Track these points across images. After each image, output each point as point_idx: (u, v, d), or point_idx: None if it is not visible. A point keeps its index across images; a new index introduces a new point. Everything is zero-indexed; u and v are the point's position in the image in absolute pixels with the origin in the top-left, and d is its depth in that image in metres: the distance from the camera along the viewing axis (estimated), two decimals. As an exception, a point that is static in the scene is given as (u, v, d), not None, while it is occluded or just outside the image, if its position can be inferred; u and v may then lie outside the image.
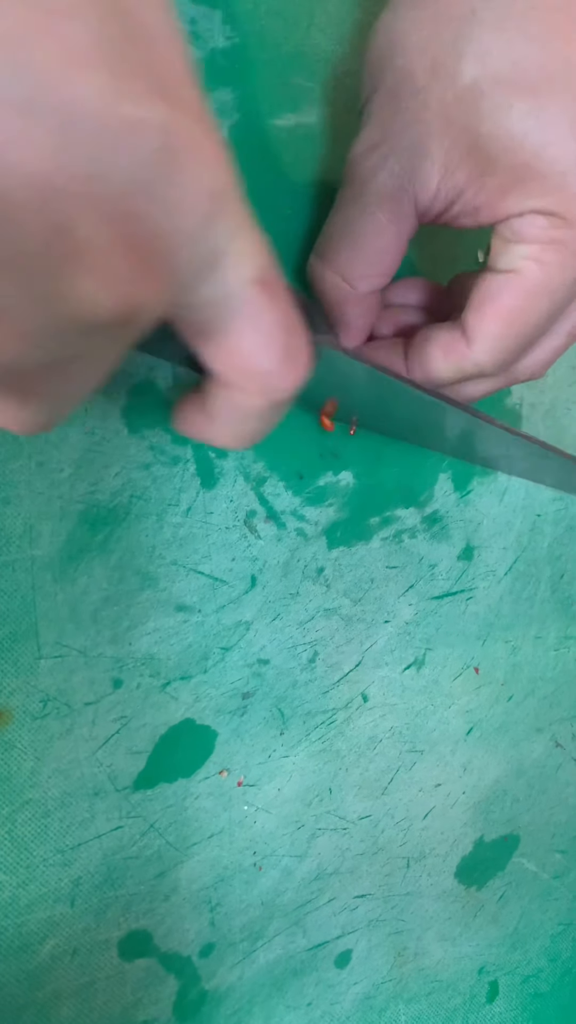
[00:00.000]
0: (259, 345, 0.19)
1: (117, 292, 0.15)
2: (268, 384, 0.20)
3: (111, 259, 0.15)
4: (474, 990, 0.40)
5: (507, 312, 0.27)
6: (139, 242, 0.15)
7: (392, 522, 0.36)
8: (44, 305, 0.14)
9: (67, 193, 0.13)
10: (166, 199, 0.15)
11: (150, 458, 0.30)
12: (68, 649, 0.29)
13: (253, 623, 0.33)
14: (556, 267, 0.26)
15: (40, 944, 0.29)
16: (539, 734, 0.42)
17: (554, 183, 0.25)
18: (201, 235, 0.16)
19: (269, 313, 0.18)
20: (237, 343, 0.19)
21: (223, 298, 0.18)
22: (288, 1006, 0.35)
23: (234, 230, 0.17)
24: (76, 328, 0.15)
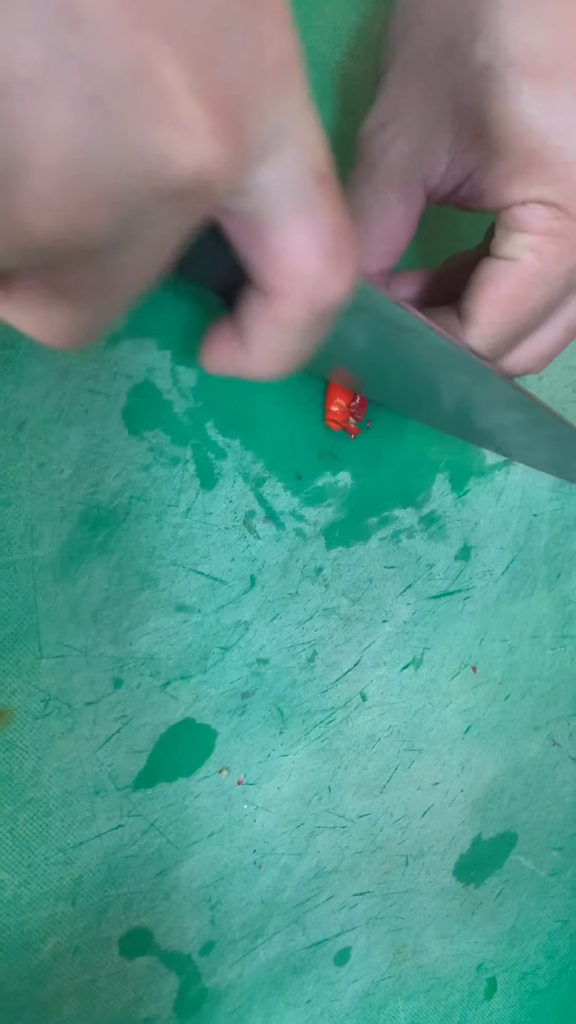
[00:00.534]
0: (310, 244, 0.18)
1: (197, 148, 0.14)
2: (315, 289, 0.19)
3: (193, 109, 0.14)
4: (472, 987, 0.41)
5: (503, 299, 0.27)
6: (220, 93, 0.14)
7: (390, 522, 0.36)
8: (121, 156, 0.13)
9: (154, 23, 0.13)
10: (249, 50, 0.14)
11: (150, 459, 0.30)
12: (69, 649, 0.29)
13: (252, 623, 0.33)
14: (554, 258, 0.26)
15: (42, 942, 0.29)
16: (536, 733, 0.42)
17: (558, 173, 0.24)
18: (274, 101, 0.15)
19: (324, 210, 0.18)
20: (287, 240, 0.18)
21: (282, 186, 0.17)
22: (288, 1003, 0.35)
23: (299, 111, 0.16)
24: (146, 191, 0.14)
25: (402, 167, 0.27)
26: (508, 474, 0.40)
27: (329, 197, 0.18)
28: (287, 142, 0.16)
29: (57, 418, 0.28)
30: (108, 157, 0.13)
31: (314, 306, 0.19)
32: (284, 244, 0.18)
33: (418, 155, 0.27)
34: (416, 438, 0.37)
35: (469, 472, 0.39)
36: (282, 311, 0.19)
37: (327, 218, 0.18)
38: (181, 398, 0.30)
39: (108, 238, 0.14)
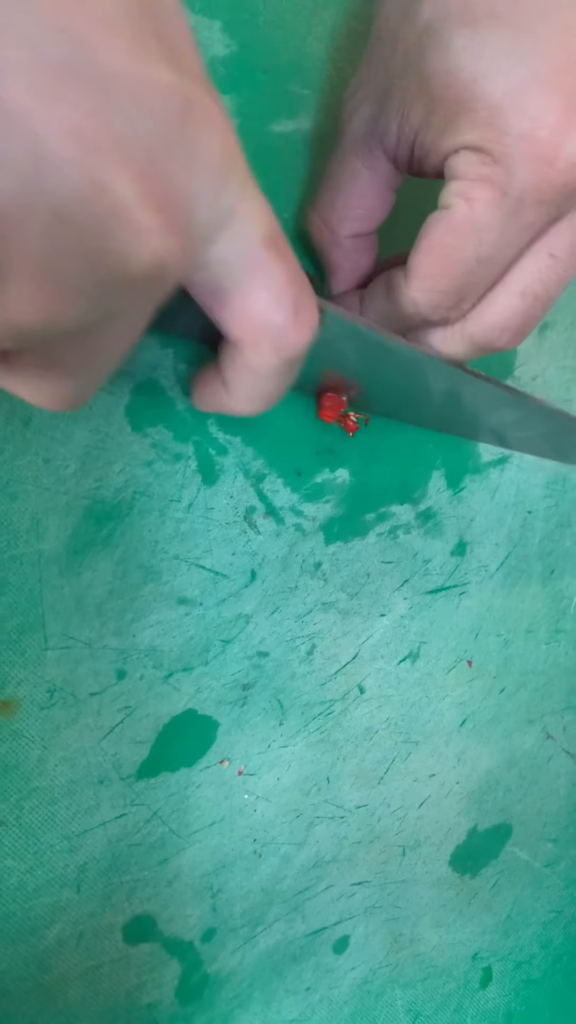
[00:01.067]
0: (270, 300, 0.20)
1: (149, 245, 0.16)
2: (280, 339, 0.21)
3: (143, 214, 0.16)
4: (468, 976, 0.41)
5: (436, 248, 0.26)
6: (165, 197, 0.16)
7: (387, 518, 0.37)
8: (89, 260, 0.15)
9: (104, 151, 0.15)
10: (186, 158, 0.16)
11: (153, 455, 0.31)
12: (74, 641, 0.29)
13: (253, 616, 0.34)
14: (483, 204, 0.24)
15: (47, 928, 0.30)
16: (531, 726, 0.43)
17: (482, 118, 0.23)
18: (215, 193, 0.17)
19: (278, 269, 0.20)
20: (249, 300, 0.20)
21: (234, 256, 0.19)
22: (287, 990, 0.35)
23: (242, 191, 0.18)
24: (112, 284, 0.16)
25: (363, 132, 0.28)
26: (503, 471, 0.41)
27: (280, 257, 0.20)
28: (234, 220, 0.18)
29: (62, 415, 0.29)
30: (76, 261, 0.15)
31: (281, 354, 0.21)
32: (245, 305, 0.20)
33: (375, 119, 0.27)
34: (413, 436, 0.37)
35: (465, 469, 0.39)
36: (253, 360, 0.22)
37: (281, 275, 0.20)
38: (183, 396, 0.31)
39: (85, 322, 0.17)
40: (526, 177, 0.24)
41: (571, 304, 0.43)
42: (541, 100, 0.23)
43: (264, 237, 0.19)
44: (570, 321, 0.43)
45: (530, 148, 0.23)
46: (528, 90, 0.23)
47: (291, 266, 0.20)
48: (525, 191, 0.24)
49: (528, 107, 0.23)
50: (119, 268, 0.16)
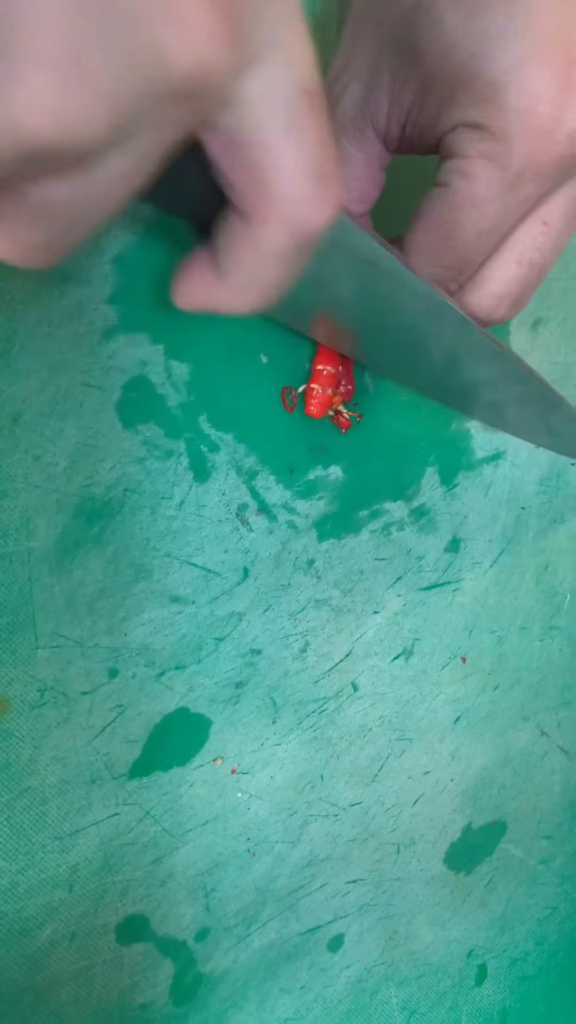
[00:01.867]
0: (296, 164, 0.17)
1: (195, 47, 0.14)
2: (297, 213, 0.18)
3: (194, 5, 0.13)
4: (463, 973, 0.41)
5: (436, 224, 0.26)
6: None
7: (380, 515, 0.37)
8: (121, 50, 0.13)
9: None
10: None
11: (144, 452, 0.30)
12: (65, 639, 0.29)
13: (245, 614, 0.33)
14: (483, 181, 0.25)
15: (39, 929, 0.29)
16: (525, 723, 0.43)
17: (482, 94, 0.23)
18: (267, 6, 0.15)
19: (311, 128, 0.17)
20: (269, 156, 0.17)
21: (265, 99, 0.16)
22: (282, 989, 0.35)
23: (289, 21, 0.16)
24: (143, 88, 0.14)
25: (353, 114, 0.27)
26: (497, 468, 0.41)
27: (316, 115, 0.17)
28: (276, 52, 0.16)
29: (52, 412, 0.28)
30: (108, 53, 0.13)
31: (297, 231, 0.18)
32: (269, 163, 0.17)
33: (364, 100, 0.27)
34: (406, 432, 0.37)
35: (458, 466, 0.39)
36: (263, 236, 0.19)
37: (314, 137, 0.17)
38: (175, 392, 0.31)
39: (100, 145, 0.14)
40: (526, 152, 0.24)
41: (564, 300, 0.43)
42: (539, 75, 0.23)
43: (302, 84, 0.16)
44: (563, 317, 0.43)
45: (530, 123, 0.23)
46: (525, 65, 0.23)
47: (324, 127, 0.17)
48: (525, 166, 0.24)
49: (526, 82, 0.23)
50: (157, 67, 0.13)
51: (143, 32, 0.13)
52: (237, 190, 0.18)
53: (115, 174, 0.15)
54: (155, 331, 0.30)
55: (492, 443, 0.40)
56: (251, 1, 0.15)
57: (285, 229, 0.18)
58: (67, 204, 0.16)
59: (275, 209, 0.18)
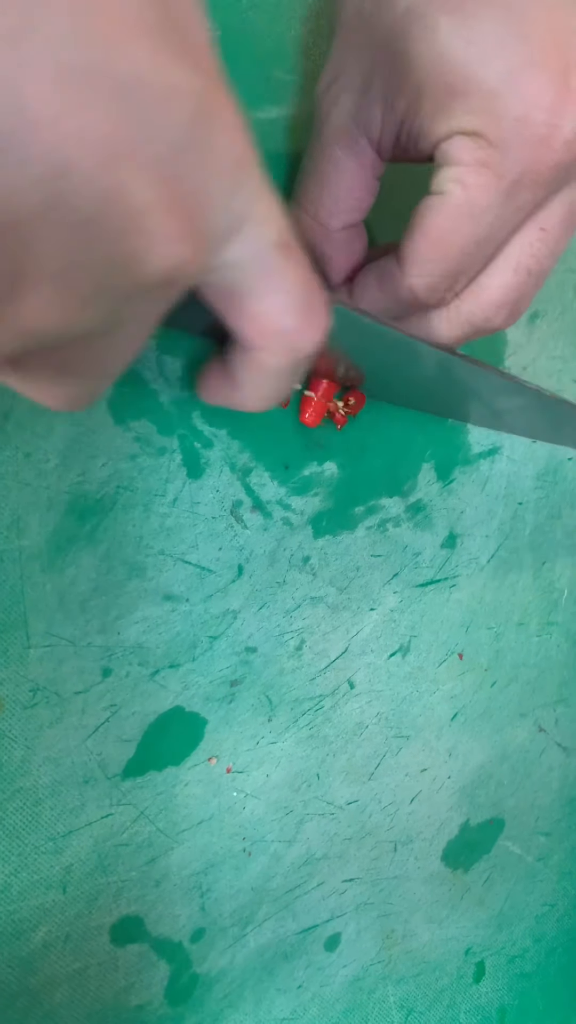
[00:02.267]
0: (281, 304, 0.20)
1: (164, 250, 0.16)
2: (290, 342, 0.21)
3: (159, 220, 0.15)
4: (461, 971, 0.41)
5: (432, 233, 0.26)
6: (182, 203, 0.16)
7: (376, 511, 0.37)
8: (106, 266, 0.15)
9: (122, 157, 0.14)
10: (202, 161, 0.16)
11: (136, 449, 0.30)
12: (57, 639, 0.29)
13: (240, 612, 0.33)
14: (480, 189, 0.25)
15: (33, 931, 0.29)
16: (522, 719, 0.43)
17: (478, 103, 0.24)
18: (230, 196, 0.17)
19: (290, 273, 0.19)
20: (260, 303, 0.20)
21: (248, 261, 0.18)
22: (279, 989, 0.35)
23: (257, 194, 0.18)
24: (126, 290, 0.16)
25: (345, 123, 0.27)
26: (493, 463, 0.40)
27: (293, 260, 0.19)
28: (248, 224, 0.18)
29: (43, 408, 0.28)
30: (93, 268, 0.15)
31: (291, 355, 0.21)
32: (257, 308, 0.20)
33: (356, 109, 0.27)
34: (402, 428, 0.37)
35: (455, 461, 0.39)
36: (263, 361, 0.22)
37: (293, 279, 0.20)
38: (167, 387, 0.31)
39: (98, 326, 0.17)
40: (523, 159, 0.24)
41: (561, 294, 0.42)
42: (535, 81, 0.23)
43: (277, 240, 0.19)
44: (560, 311, 0.42)
45: (527, 130, 0.23)
46: (521, 72, 0.23)
47: (303, 269, 0.20)
48: (522, 173, 0.24)
49: (522, 89, 0.23)
50: (134, 274, 0.16)
51: (120, 249, 0.15)
52: (235, 328, 0.21)
53: (120, 340, 0.18)
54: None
55: (489, 438, 0.40)
56: (216, 198, 0.17)
57: (280, 354, 0.21)
58: (84, 365, 0.19)
59: (270, 341, 0.21)
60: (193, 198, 0.16)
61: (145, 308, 0.18)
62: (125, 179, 0.14)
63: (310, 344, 0.21)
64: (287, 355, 0.21)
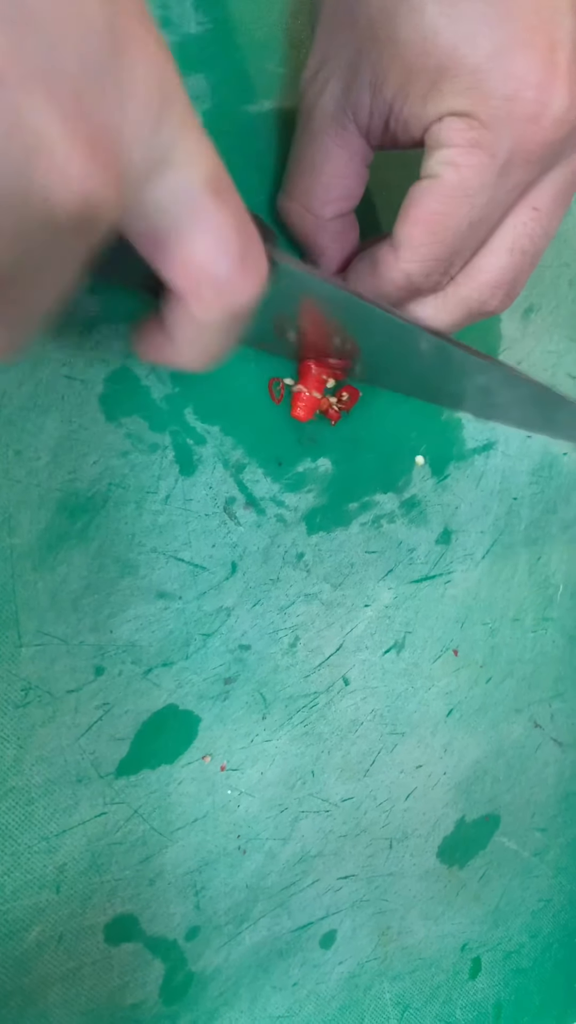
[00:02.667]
0: (212, 248, 0.19)
1: (74, 188, 0.15)
2: (224, 290, 0.20)
3: (69, 153, 0.15)
4: (457, 967, 0.41)
5: (427, 216, 0.26)
6: (92, 133, 0.15)
7: (371, 507, 0.36)
8: (10, 202, 0.14)
9: (23, 84, 0.14)
10: (116, 92, 0.15)
11: (128, 446, 0.30)
12: (49, 637, 0.29)
13: (234, 609, 0.33)
14: (473, 169, 0.25)
15: (26, 931, 0.29)
16: (518, 715, 0.42)
17: (467, 83, 0.24)
18: (151, 131, 0.16)
19: (221, 215, 0.18)
20: (190, 248, 0.19)
21: (174, 201, 0.18)
22: (274, 986, 0.35)
23: (182, 129, 0.17)
24: (38, 227, 0.15)
25: (333, 111, 0.27)
26: (488, 458, 0.40)
27: (223, 201, 0.19)
28: (173, 161, 0.17)
29: (33, 405, 0.28)
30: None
31: (226, 306, 0.20)
32: (186, 253, 0.19)
33: (345, 96, 0.26)
34: (396, 423, 0.37)
35: (449, 457, 0.39)
36: (197, 312, 0.20)
37: (225, 221, 0.19)
38: (159, 384, 0.30)
39: (9, 268, 0.16)
40: (514, 137, 0.24)
41: (555, 288, 0.42)
42: (523, 60, 0.23)
43: (206, 180, 0.18)
44: (554, 305, 0.42)
45: (517, 109, 0.24)
46: (509, 51, 0.23)
47: (236, 211, 0.19)
48: (514, 152, 0.24)
49: (511, 68, 0.23)
50: (42, 211, 0.15)
51: (23, 181, 0.14)
52: (166, 275, 0.20)
53: (40, 285, 0.17)
54: (138, 322, 0.30)
55: (483, 433, 0.40)
56: (133, 131, 0.16)
57: (216, 305, 0.20)
58: (3, 311, 0.17)
59: (203, 289, 0.19)
60: (107, 131, 0.15)
61: (64, 250, 0.17)
62: (23, 106, 0.14)
63: (245, 295, 0.20)
64: (219, 305, 0.20)
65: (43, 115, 0.14)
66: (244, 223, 0.19)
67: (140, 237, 0.19)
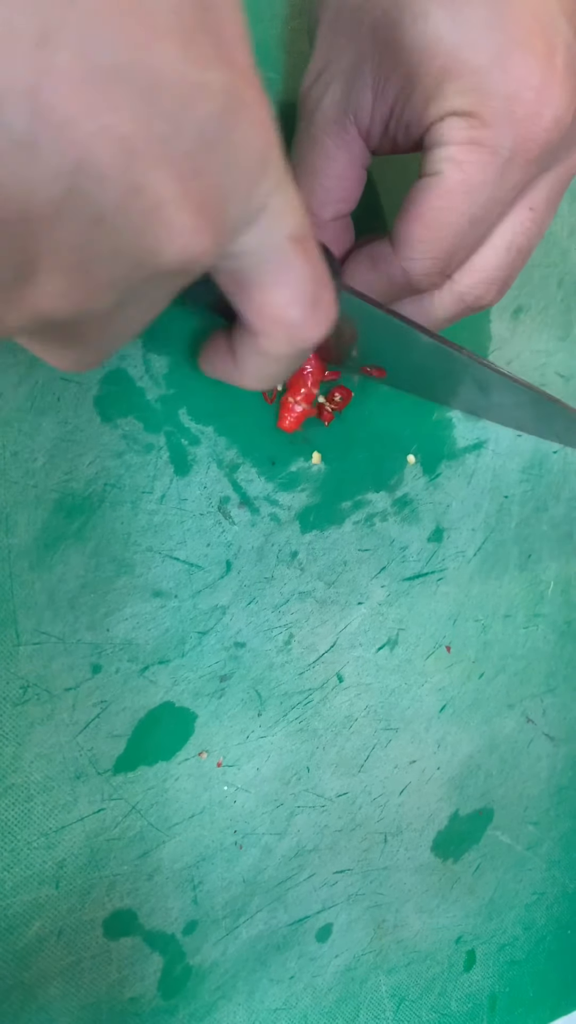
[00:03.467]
0: (290, 297, 0.20)
1: (181, 243, 0.16)
2: (295, 334, 0.21)
3: (179, 215, 0.16)
4: (452, 959, 0.42)
5: (427, 213, 0.26)
6: (202, 197, 0.16)
7: (363, 506, 0.37)
8: (122, 258, 0.16)
9: (147, 155, 0.14)
10: (226, 156, 0.16)
11: (123, 446, 0.30)
12: (47, 636, 0.29)
13: (229, 607, 0.33)
14: (475, 167, 0.25)
15: (26, 926, 0.29)
16: (510, 710, 0.43)
17: (470, 83, 0.24)
18: (252, 190, 0.17)
19: (301, 267, 0.20)
20: (270, 294, 0.20)
21: (262, 250, 0.19)
22: (271, 980, 0.35)
23: (277, 187, 0.18)
24: (142, 277, 0.17)
25: (335, 113, 0.27)
26: (479, 457, 0.41)
27: (305, 255, 0.20)
28: (265, 216, 0.18)
29: (30, 407, 0.28)
30: (109, 258, 0.16)
31: (295, 345, 0.21)
32: (266, 298, 0.20)
33: (347, 98, 0.27)
34: (388, 423, 0.37)
35: (440, 455, 0.39)
36: (266, 347, 0.22)
37: (304, 273, 0.20)
38: (154, 385, 0.31)
39: (109, 309, 0.17)
40: (515, 136, 0.25)
41: (544, 288, 0.43)
42: (523, 62, 0.24)
43: (292, 234, 0.19)
44: (543, 305, 0.43)
45: (518, 108, 0.24)
46: (510, 53, 0.24)
47: (315, 264, 0.20)
48: (514, 150, 0.25)
49: (512, 69, 0.24)
50: (150, 264, 0.16)
51: (138, 242, 0.16)
52: (243, 312, 0.21)
53: (129, 318, 0.19)
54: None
55: (474, 432, 0.40)
56: (238, 190, 0.17)
57: (284, 343, 0.22)
58: (97, 338, 0.19)
59: (275, 331, 0.21)
60: (214, 192, 0.16)
61: (156, 292, 0.18)
62: (146, 174, 0.15)
63: (313, 338, 0.21)
64: (289, 345, 0.22)
65: (162, 182, 0.15)
66: (320, 273, 0.20)
67: (224, 276, 0.20)
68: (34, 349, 0.20)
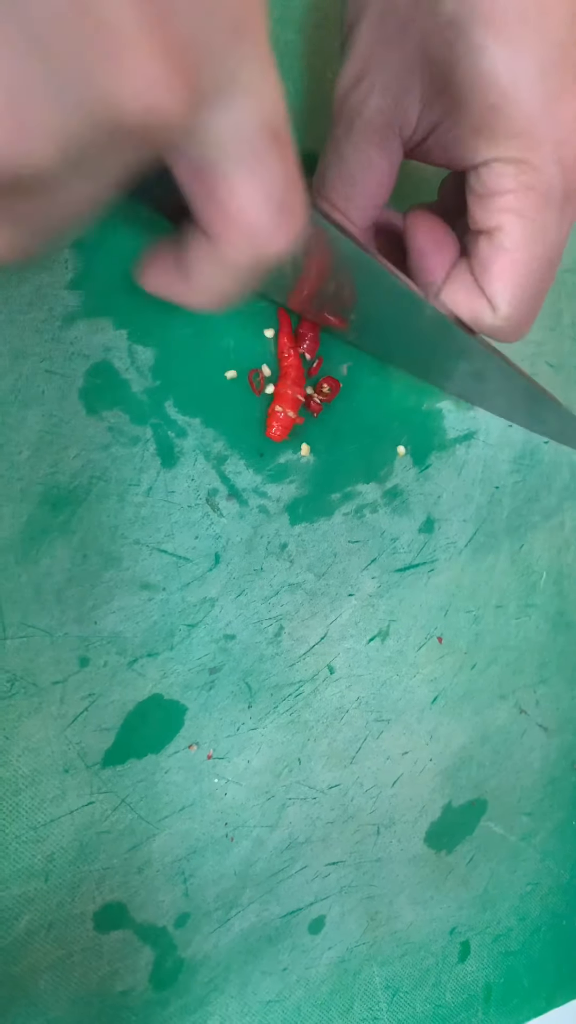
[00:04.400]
0: (257, 196, 0.18)
1: (145, 93, 0.14)
2: (257, 238, 0.19)
3: (141, 52, 0.14)
4: (446, 950, 0.42)
5: (509, 271, 0.27)
6: (169, 41, 0.14)
7: (353, 497, 0.37)
8: (67, 95, 0.13)
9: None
10: (201, 2, 0.14)
11: (109, 439, 0.30)
12: (33, 629, 0.29)
13: (218, 599, 0.33)
14: (536, 211, 0.26)
15: (16, 920, 0.29)
16: (503, 701, 0.43)
17: (519, 127, 0.25)
18: (226, 49, 0.15)
19: (273, 164, 0.18)
20: (235, 189, 0.18)
21: (229, 135, 0.17)
22: (264, 972, 0.35)
23: (255, 58, 0.16)
24: (97, 128, 0.14)
25: (379, 121, 0.27)
26: (469, 448, 0.40)
27: (279, 149, 0.18)
28: (241, 92, 0.16)
29: (14, 399, 0.28)
30: (51, 96, 0.13)
31: (255, 254, 0.19)
32: (231, 193, 0.18)
33: (392, 108, 0.27)
34: (377, 414, 0.37)
35: (430, 447, 0.39)
36: (223, 254, 0.20)
37: (276, 172, 0.18)
38: (139, 377, 0.31)
39: (54, 170, 0.15)
40: (566, 179, 0.26)
41: (534, 277, 0.43)
42: (571, 107, 0.25)
43: (266, 121, 0.17)
44: (534, 295, 0.43)
45: (568, 152, 0.25)
46: (559, 97, 0.25)
47: (289, 162, 0.18)
48: (569, 191, 0.26)
49: (561, 115, 0.25)
50: (106, 110, 0.14)
51: (88, 77, 0.13)
52: (200, 211, 0.19)
53: (78, 192, 0.16)
54: (118, 316, 0.30)
55: (464, 423, 0.40)
56: (211, 43, 0.15)
57: (243, 251, 0.19)
58: (34, 215, 0.16)
59: (236, 234, 0.19)
60: (182, 37, 0.14)
61: (111, 158, 0.16)
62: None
63: (276, 247, 0.19)
64: (247, 254, 0.19)
65: (120, 7, 0.13)
66: (293, 174, 0.19)
67: (184, 165, 0.18)
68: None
